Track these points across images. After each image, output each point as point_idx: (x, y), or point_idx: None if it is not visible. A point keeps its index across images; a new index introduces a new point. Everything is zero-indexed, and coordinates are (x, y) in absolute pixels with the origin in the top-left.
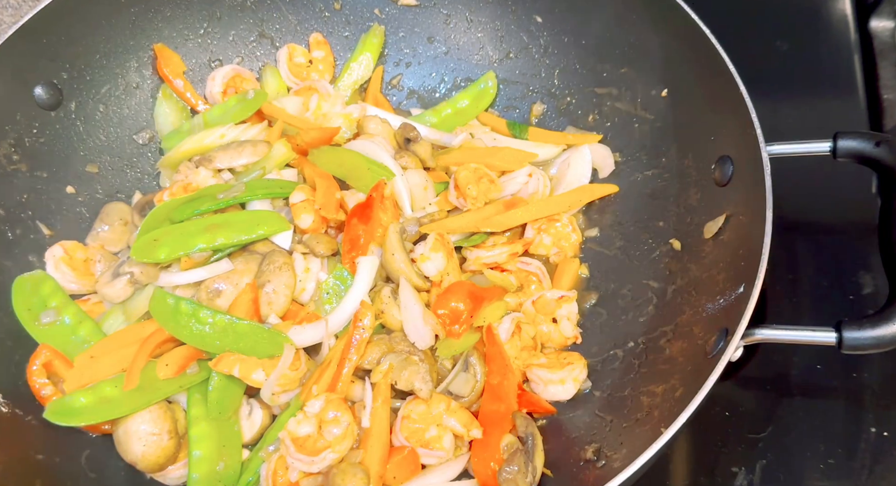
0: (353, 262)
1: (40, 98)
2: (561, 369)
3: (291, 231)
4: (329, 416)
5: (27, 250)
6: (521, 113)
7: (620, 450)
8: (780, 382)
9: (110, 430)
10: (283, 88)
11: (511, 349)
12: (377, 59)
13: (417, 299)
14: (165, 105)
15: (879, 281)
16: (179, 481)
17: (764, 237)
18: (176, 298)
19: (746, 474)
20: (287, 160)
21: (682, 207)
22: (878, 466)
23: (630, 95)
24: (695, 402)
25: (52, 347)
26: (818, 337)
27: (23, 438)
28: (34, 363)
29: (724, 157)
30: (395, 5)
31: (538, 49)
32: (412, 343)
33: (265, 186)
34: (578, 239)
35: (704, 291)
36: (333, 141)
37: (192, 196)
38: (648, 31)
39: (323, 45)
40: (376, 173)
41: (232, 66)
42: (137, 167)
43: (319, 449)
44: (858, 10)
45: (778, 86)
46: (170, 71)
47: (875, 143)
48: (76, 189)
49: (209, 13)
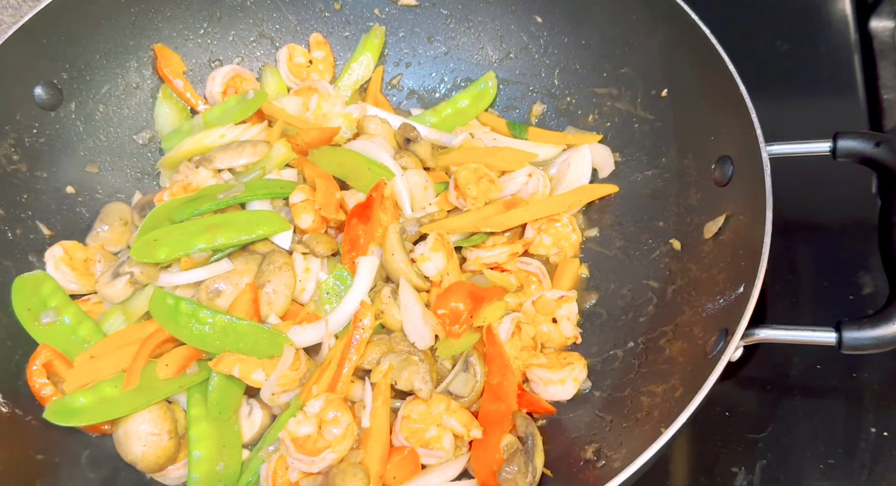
0: (352, 262)
1: (40, 98)
2: (561, 370)
3: (291, 231)
4: (329, 416)
5: (27, 250)
6: (520, 113)
7: (620, 450)
8: (780, 382)
9: (110, 430)
10: (283, 88)
11: (511, 349)
12: (377, 60)
13: (417, 299)
14: (165, 105)
15: (879, 281)
16: (179, 481)
17: (764, 237)
18: (176, 298)
19: (746, 474)
20: (287, 160)
21: (682, 207)
22: (878, 466)
23: (630, 95)
24: (695, 402)
25: (52, 347)
26: (818, 337)
27: (23, 438)
28: (34, 363)
29: (724, 157)
30: (395, 5)
31: (538, 49)
32: (412, 343)
33: (265, 186)
34: (578, 239)
35: (704, 291)
36: (333, 141)
37: (192, 196)
38: (648, 32)
39: (323, 45)
40: (376, 173)
41: (232, 67)
42: (137, 167)
43: (319, 449)
44: (858, 10)
45: (778, 86)
46: (170, 71)
47: (875, 143)
48: (76, 189)
49: (209, 13)
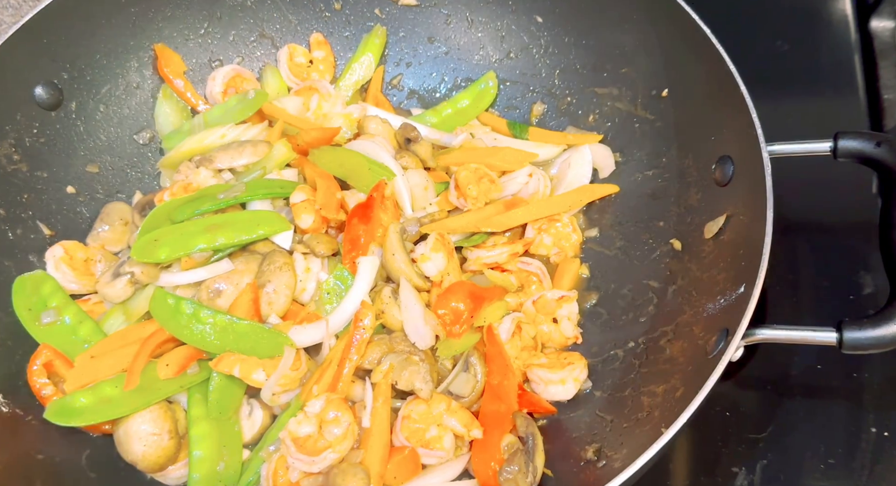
0: (353, 262)
1: (40, 98)
2: (561, 369)
3: (292, 231)
4: (329, 416)
5: (28, 250)
6: (521, 113)
7: (621, 450)
8: (781, 382)
9: (111, 430)
10: (283, 88)
11: (511, 349)
12: (379, 60)
13: (418, 300)
14: (166, 105)
15: (880, 281)
16: (180, 481)
17: (764, 237)
18: (176, 298)
19: (747, 474)
20: (287, 160)
21: (682, 207)
22: (878, 466)
23: (630, 94)
24: (695, 402)
25: (53, 347)
26: (819, 337)
27: (23, 438)
28: (35, 363)
29: (724, 157)
30: (396, 5)
31: (539, 49)
32: (413, 343)
33: (266, 186)
34: (579, 239)
35: (705, 291)
36: (334, 141)
37: (192, 196)
38: (649, 31)
39: (323, 45)
40: (377, 173)
41: (232, 66)
42: (138, 167)
43: (320, 449)
44: (859, 10)
45: (778, 86)
46: (170, 71)
47: (875, 143)
48: (76, 189)
49: (210, 13)
